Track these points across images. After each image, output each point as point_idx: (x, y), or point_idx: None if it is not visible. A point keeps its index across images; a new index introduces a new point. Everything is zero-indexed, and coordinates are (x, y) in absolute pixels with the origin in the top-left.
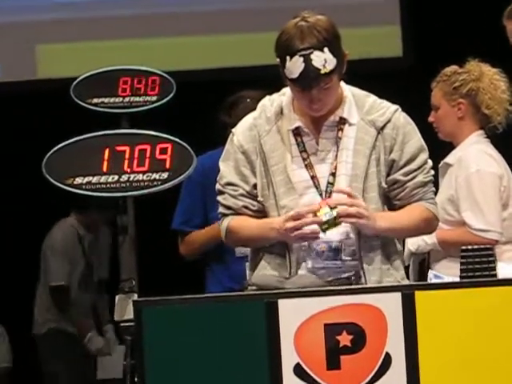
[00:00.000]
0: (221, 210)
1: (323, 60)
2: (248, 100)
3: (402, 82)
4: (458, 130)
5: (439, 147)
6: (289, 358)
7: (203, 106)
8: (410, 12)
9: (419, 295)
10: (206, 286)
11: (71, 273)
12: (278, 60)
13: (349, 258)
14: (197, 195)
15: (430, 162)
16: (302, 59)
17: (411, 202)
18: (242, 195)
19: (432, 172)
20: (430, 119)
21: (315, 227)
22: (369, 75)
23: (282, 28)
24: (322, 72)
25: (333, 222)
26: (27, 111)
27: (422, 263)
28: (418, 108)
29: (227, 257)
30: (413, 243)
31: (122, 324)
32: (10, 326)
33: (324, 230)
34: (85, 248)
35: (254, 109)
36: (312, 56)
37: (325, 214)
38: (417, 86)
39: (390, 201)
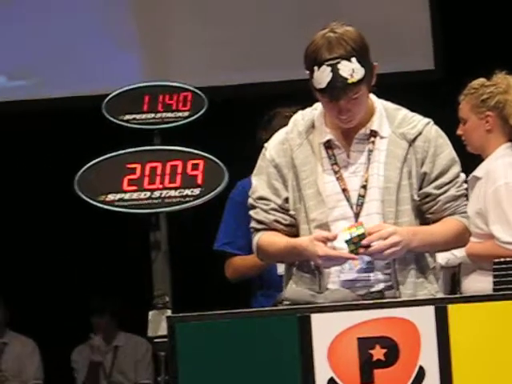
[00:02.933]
0: (252, 224)
1: (351, 70)
2: (283, 116)
3: (434, 94)
4: (486, 143)
5: (469, 160)
6: (322, 372)
7: (235, 122)
8: (442, 25)
9: (452, 308)
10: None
11: None
12: (307, 71)
13: (382, 271)
14: (239, 216)
15: (462, 176)
16: (329, 69)
17: (444, 215)
18: (274, 209)
19: (465, 186)
20: (459, 132)
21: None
22: (401, 88)
23: (310, 39)
24: (350, 81)
25: (358, 241)
26: (59, 128)
27: (454, 276)
28: (450, 120)
29: (269, 282)
30: (442, 257)
31: (155, 340)
32: (41, 342)
33: (353, 251)
34: None
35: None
36: (339, 66)
37: (350, 233)
38: (448, 99)
39: (423, 214)
